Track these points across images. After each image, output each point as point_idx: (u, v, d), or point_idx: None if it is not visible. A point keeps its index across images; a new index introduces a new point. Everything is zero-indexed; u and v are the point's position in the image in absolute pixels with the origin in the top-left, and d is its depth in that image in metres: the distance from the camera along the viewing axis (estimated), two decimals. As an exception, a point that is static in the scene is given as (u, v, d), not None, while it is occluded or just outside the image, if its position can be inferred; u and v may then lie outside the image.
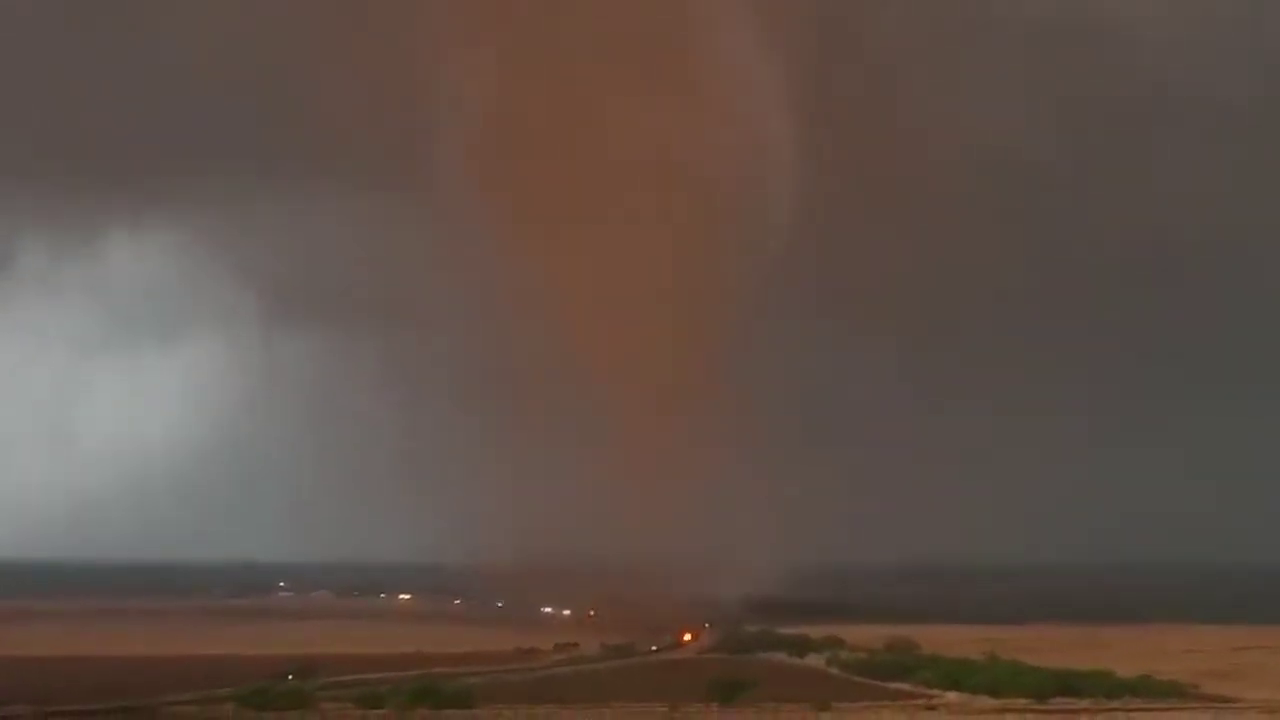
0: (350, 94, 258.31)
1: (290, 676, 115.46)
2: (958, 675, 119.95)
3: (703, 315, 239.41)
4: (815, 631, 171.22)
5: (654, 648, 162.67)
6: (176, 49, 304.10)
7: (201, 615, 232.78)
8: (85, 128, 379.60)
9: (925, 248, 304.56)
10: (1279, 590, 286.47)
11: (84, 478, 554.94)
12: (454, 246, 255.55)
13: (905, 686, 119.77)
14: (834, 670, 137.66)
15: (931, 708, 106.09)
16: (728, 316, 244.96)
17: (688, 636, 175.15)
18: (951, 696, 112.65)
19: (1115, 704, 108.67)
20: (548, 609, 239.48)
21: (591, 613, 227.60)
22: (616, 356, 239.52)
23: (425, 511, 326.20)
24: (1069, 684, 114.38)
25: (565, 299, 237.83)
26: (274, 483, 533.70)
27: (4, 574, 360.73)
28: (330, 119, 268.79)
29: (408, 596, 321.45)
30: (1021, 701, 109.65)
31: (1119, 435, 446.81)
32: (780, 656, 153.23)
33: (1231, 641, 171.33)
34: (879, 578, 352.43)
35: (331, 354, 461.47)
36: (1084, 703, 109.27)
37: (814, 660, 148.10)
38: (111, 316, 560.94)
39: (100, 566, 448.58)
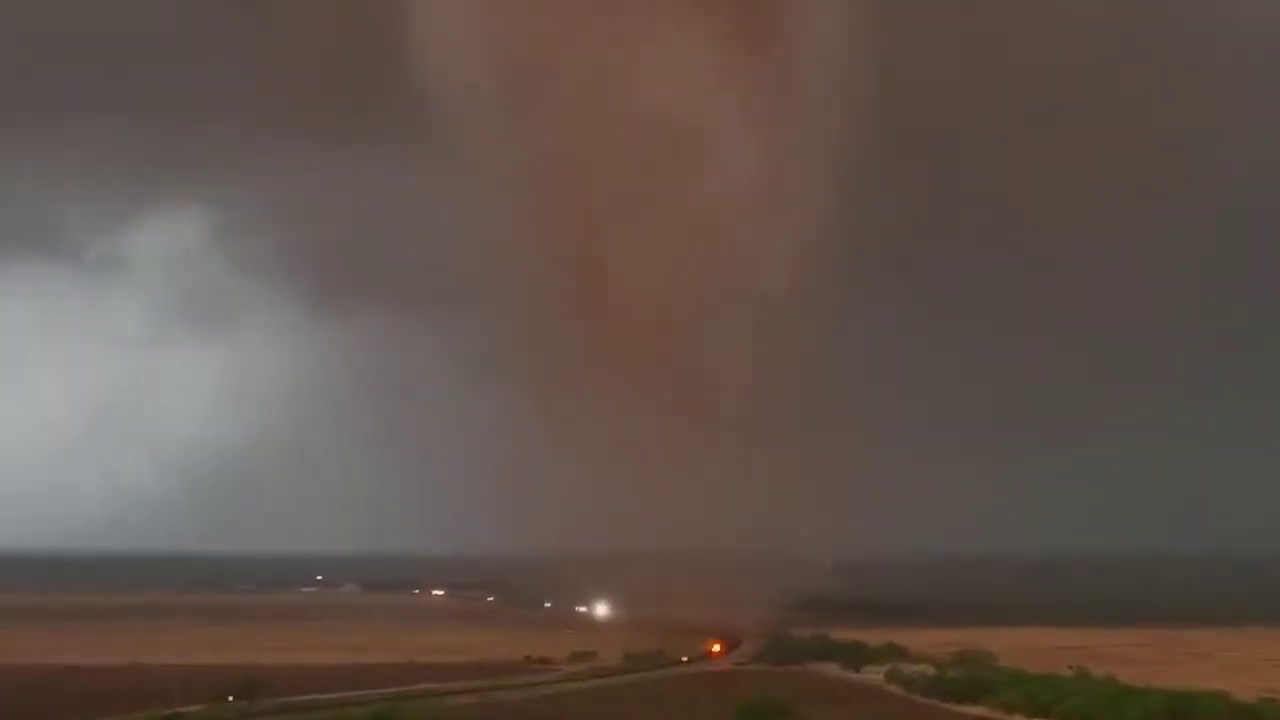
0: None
1: (231, 698, 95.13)
2: (1046, 698, 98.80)
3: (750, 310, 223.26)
4: (871, 637, 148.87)
5: (684, 658, 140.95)
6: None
7: (178, 613, 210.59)
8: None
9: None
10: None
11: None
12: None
13: (982, 711, 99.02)
14: (894, 688, 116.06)
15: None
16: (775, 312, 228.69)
17: (716, 648, 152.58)
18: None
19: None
20: (582, 608, 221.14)
21: (616, 615, 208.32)
22: (666, 348, 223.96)
23: (476, 505, 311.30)
24: (1179, 708, 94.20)
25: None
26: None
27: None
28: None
29: (440, 592, 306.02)
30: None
31: (1201, 420, 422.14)
32: (831, 669, 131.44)
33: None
34: (943, 572, 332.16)
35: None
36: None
37: (871, 674, 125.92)
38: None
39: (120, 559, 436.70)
